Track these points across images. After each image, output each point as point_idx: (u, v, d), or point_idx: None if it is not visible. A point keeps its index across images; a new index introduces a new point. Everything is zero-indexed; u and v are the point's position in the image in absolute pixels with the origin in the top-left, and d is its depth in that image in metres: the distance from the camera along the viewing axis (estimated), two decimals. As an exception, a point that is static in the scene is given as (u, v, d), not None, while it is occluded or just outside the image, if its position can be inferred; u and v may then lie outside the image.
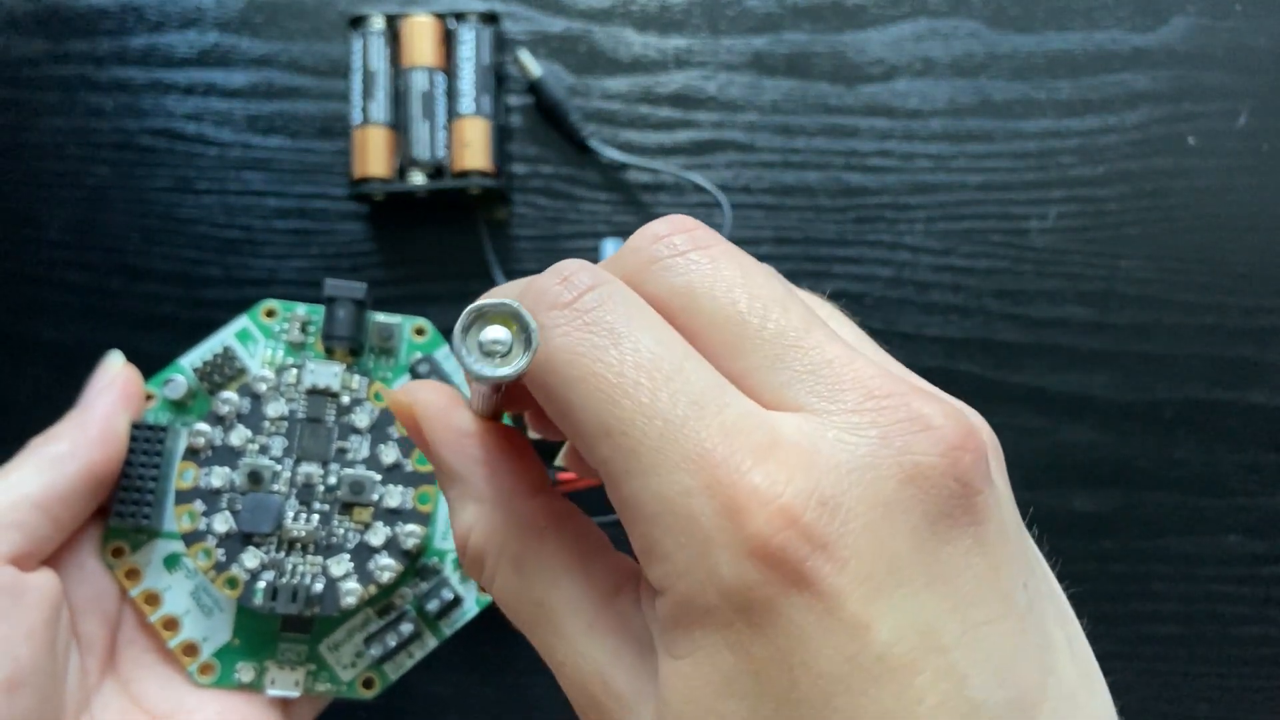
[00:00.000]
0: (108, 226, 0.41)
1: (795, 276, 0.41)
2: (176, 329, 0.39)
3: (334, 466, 0.28)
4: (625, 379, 0.15)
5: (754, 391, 0.16)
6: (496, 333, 0.15)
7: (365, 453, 0.28)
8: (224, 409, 0.28)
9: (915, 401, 0.16)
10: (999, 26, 0.42)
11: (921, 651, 0.14)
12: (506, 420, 0.20)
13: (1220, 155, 0.41)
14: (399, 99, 0.39)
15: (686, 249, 0.17)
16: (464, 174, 0.39)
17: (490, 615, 0.39)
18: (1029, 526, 0.38)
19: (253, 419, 0.28)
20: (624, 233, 0.41)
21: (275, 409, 0.28)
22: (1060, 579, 0.39)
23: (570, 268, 0.16)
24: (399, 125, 0.39)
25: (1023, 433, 0.40)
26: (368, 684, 0.29)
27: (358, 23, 0.40)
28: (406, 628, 0.28)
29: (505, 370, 0.14)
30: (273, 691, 0.28)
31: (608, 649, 0.17)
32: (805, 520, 0.14)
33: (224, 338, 0.29)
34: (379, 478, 0.28)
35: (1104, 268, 0.41)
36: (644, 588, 0.17)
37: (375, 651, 0.28)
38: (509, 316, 0.15)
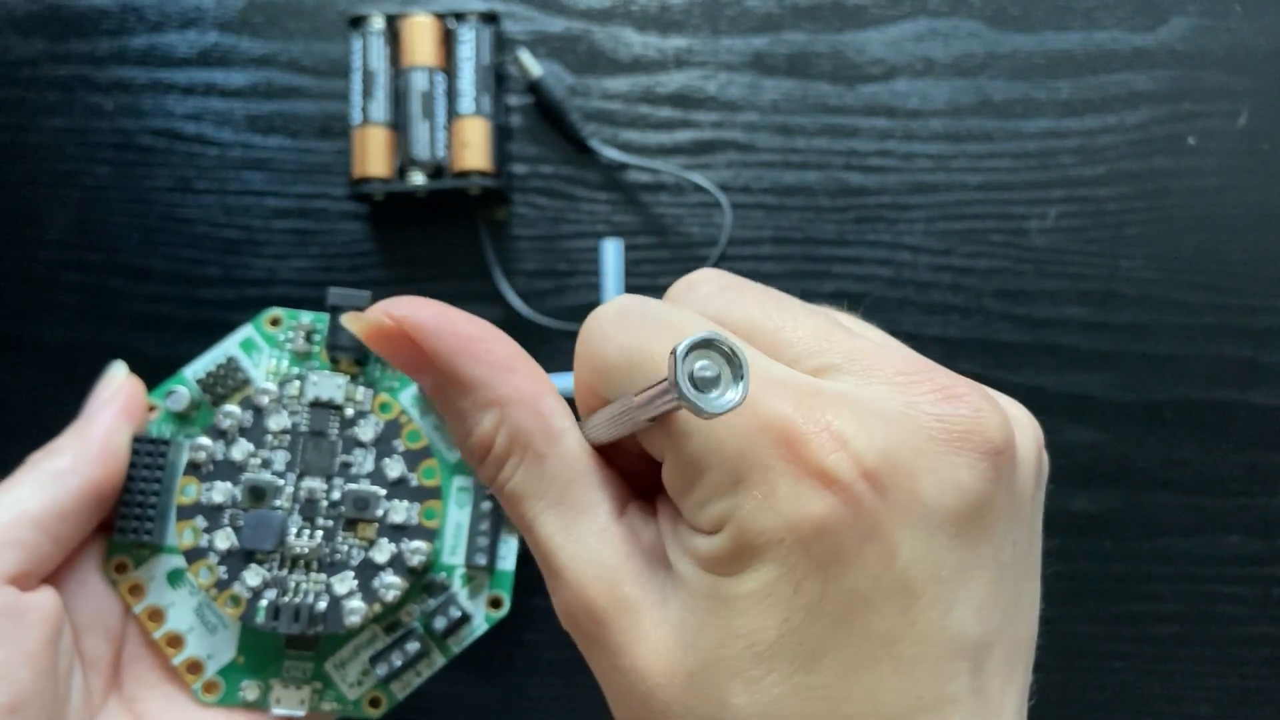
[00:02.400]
0: (108, 227, 0.40)
1: (795, 276, 0.41)
2: (176, 329, 0.39)
3: (338, 481, 0.27)
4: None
5: None
6: (706, 364, 0.15)
7: (370, 467, 0.27)
8: (226, 423, 0.27)
9: (941, 376, 0.18)
10: (999, 26, 0.42)
11: (925, 581, 0.16)
12: None
13: (1220, 155, 0.41)
14: (399, 99, 0.39)
15: (719, 283, 0.19)
16: (464, 174, 0.39)
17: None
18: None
19: (255, 433, 0.27)
20: (624, 233, 0.41)
21: (277, 422, 0.27)
22: (1060, 579, 0.39)
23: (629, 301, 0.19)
24: (399, 125, 0.39)
25: (1023, 433, 0.40)
26: (374, 703, 0.28)
27: (357, 22, 0.40)
28: (413, 646, 0.27)
29: (731, 401, 0.15)
30: (278, 710, 0.28)
31: (620, 554, 0.18)
32: (854, 447, 0.16)
33: (228, 348, 0.29)
34: (384, 493, 0.27)
35: (1104, 268, 0.41)
36: (669, 518, 0.18)
37: (381, 671, 0.27)
38: (722, 351, 0.15)
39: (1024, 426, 0.20)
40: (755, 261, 0.41)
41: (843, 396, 0.17)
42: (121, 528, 0.27)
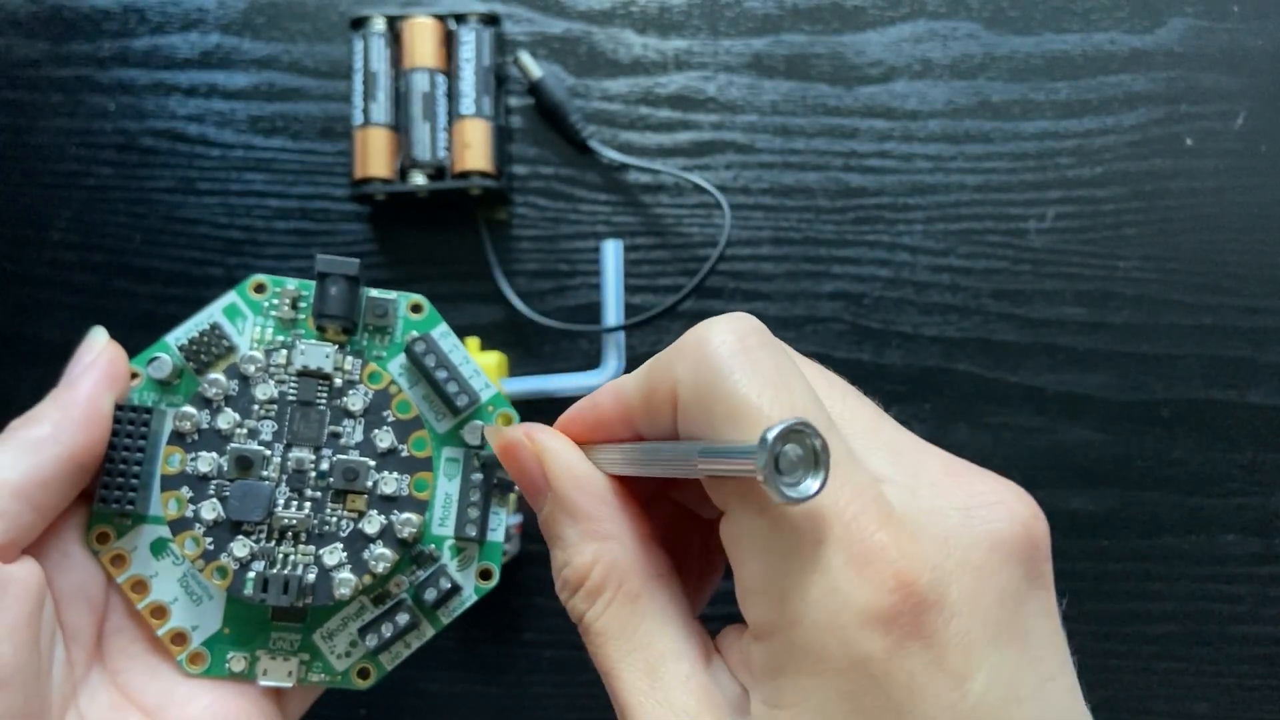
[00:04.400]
0: (110, 227, 0.41)
1: (795, 276, 0.41)
2: (178, 329, 0.39)
3: (326, 452, 0.27)
4: (764, 411, 0.17)
5: None
6: (792, 450, 0.15)
7: (359, 437, 0.27)
8: (211, 391, 0.27)
9: (985, 481, 0.18)
10: (997, 28, 0.42)
11: (1005, 702, 0.16)
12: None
13: (1218, 156, 0.41)
14: (400, 100, 0.39)
15: (782, 353, 0.19)
16: (465, 175, 0.39)
17: (490, 615, 0.40)
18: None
19: (241, 402, 0.27)
20: (624, 233, 0.41)
21: (264, 391, 0.27)
22: (1059, 578, 0.39)
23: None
24: (400, 126, 0.39)
25: (1021, 432, 0.40)
26: (363, 674, 0.28)
27: (359, 24, 0.40)
28: (403, 617, 0.27)
29: (810, 491, 0.15)
30: (265, 682, 0.27)
31: (703, 702, 0.18)
32: (921, 582, 0.16)
33: (211, 313, 0.28)
34: (373, 464, 0.27)
35: (1102, 268, 0.41)
36: (743, 637, 0.18)
37: (371, 642, 0.27)
38: (811, 443, 0.15)
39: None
40: (754, 262, 0.41)
41: (908, 522, 0.17)
42: (104, 497, 0.26)
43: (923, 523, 0.17)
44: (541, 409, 0.39)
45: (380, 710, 0.39)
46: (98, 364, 0.27)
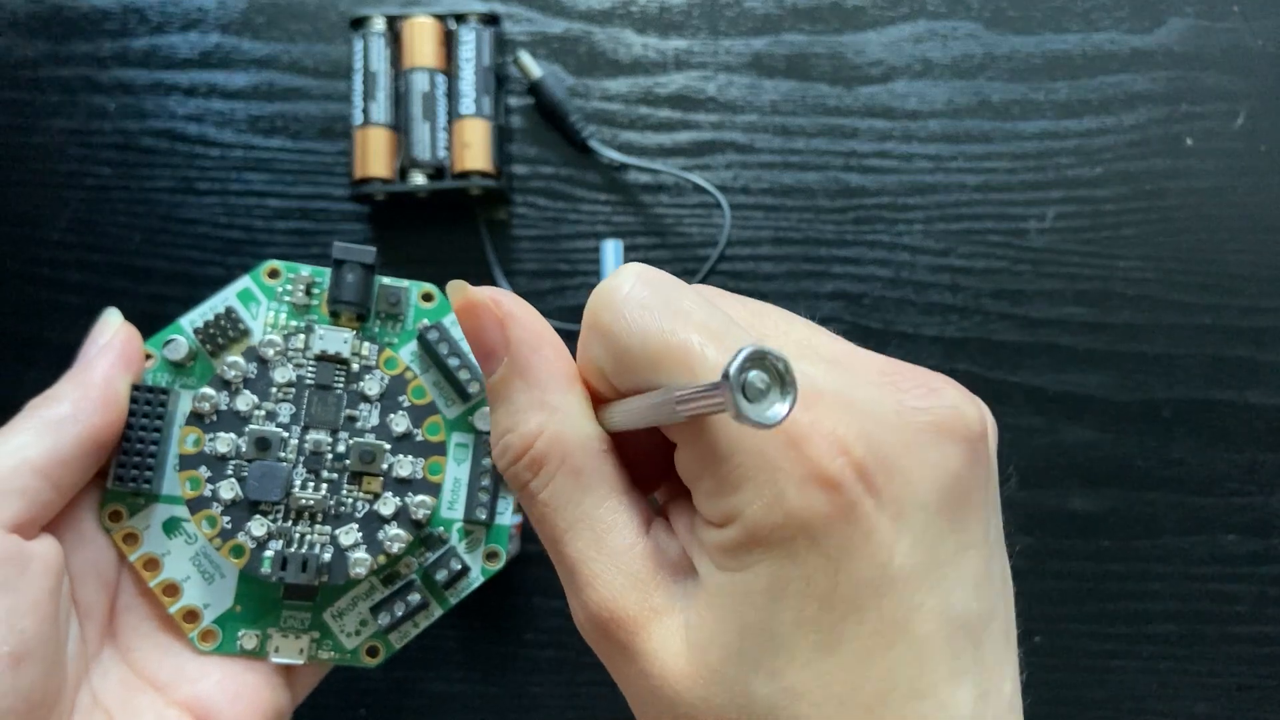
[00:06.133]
0: (110, 227, 0.41)
1: (794, 276, 0.41)
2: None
3: (343, 435, 0.28)
4: (693, 343, 0.18)
5: None
6: (757, 377, 0.16)
7: (375, 421, 0.28)
8: (230, 373, 0.27)
9: (920, 374, 0.19)
10: (997, 28, 0.42)
11: (926, 567, 0.17)
12: None
13: (1218, 156, 0.41)
14: (400, 100, 0.39)
15: (700, 292, 0.20)
16: (464, 175, 0.39)
17: (490, 615, 0.40)
18: (1028, 526, 0.39)
19: (259, 384, 0.27)
20: (624, 233, 0.41)
21: (283, 375, 0.27)
22: (1058, 577, 0.40)
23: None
24: (400, 126, 0.39)
25: (1021, 432, 0.40)
26: (372, 652, 0.29)
27: (359, 24, 0.40)
28: (415, 597, 0.28)
29: (779, 415, 0.15)
30: (277, 659, 0.28)
31: (649, 564, 0.19)
32: (855, 454, 0.17)
33: (226, 297, 0.28)
34: (389, 447, 0.28)
35: (1102, 268, 0.41)
36: (695, 522, 0.19)
37: (383, 620, 0.28)
38: (775, 367, 0.16)
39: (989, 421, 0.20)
40: (754, 262, 0.41)
41: (840, 399, 0.18)
42: (120, 476, 0.27)
43: (858, 403, 0.18)
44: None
45: (380, 710, 0.39)
46: (113, 345, 0.27)
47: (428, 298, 0.29)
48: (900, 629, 0.17)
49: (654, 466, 0.21)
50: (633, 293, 0.19)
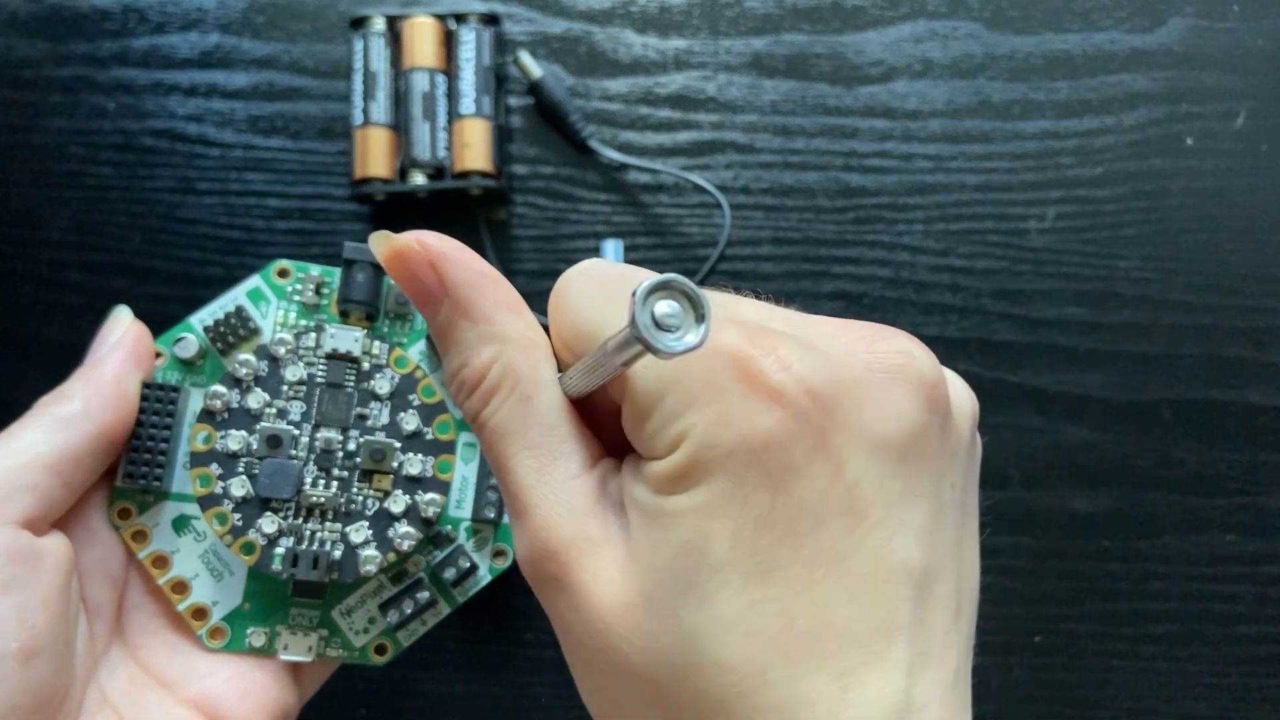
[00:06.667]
0: (110, 227, 0.41)
1: (794, 276, 0.41)
2: (178, 329, 0.39)
3: (353, 433, 0.28)
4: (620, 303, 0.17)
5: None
6: (667, 307, 0.16)
7: (385, 419, 0.28)
8: (241, 371, 0.27)
9: (874, 328, 0.19)
10: (997, 28, 0.42)
11: (870, 500, 0.17)
12: None
13: (1218, 156, 0.41)
14: (400, 100, 0.39)
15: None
16: (464, 175, 0.39)
17: (491, 614, 0.40)
18: (1028, 526, 0.39)
19: (270, 382, 0.27)
20: (624, 233, 0.41)
21: (294, 373, 0.27)
22: (1058, 577, 0.40)
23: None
24: (400, 126, 0.39)
25: (1021, 432, 0.40)
26: (380, 650, 0.29)
27: (359, 24, 0.40)
28: (423, 595, 0.28)
29: (691, 342, 0.15)
30: (285, 656, 0.28)
31: (589, 498, 0.19)
32: (803, 374, 0.17)
33: (235, 296, 0.29)
34: (399, 445, 0.28)
35: (1102, 268, 0.41)
36: (630, 460, 0.19)
37: (392, 618, 0.28)
38: (682, 292, 0.16)
39: (960, 389, 0.20)
40: (754, 262, 0.41)
41: (788, 334, 0.18)
42: (130, 473, 0.27)
43: (816, 344, 0.18)
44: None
45: (380, 710, 0.39)
46: (124, 342, 0.27)
47: None
48: (836, 563, 0.17)
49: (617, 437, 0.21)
50: (587, 268, 0.20)
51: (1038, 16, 0.42)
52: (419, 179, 0.39)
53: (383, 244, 0.20)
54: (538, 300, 0.40)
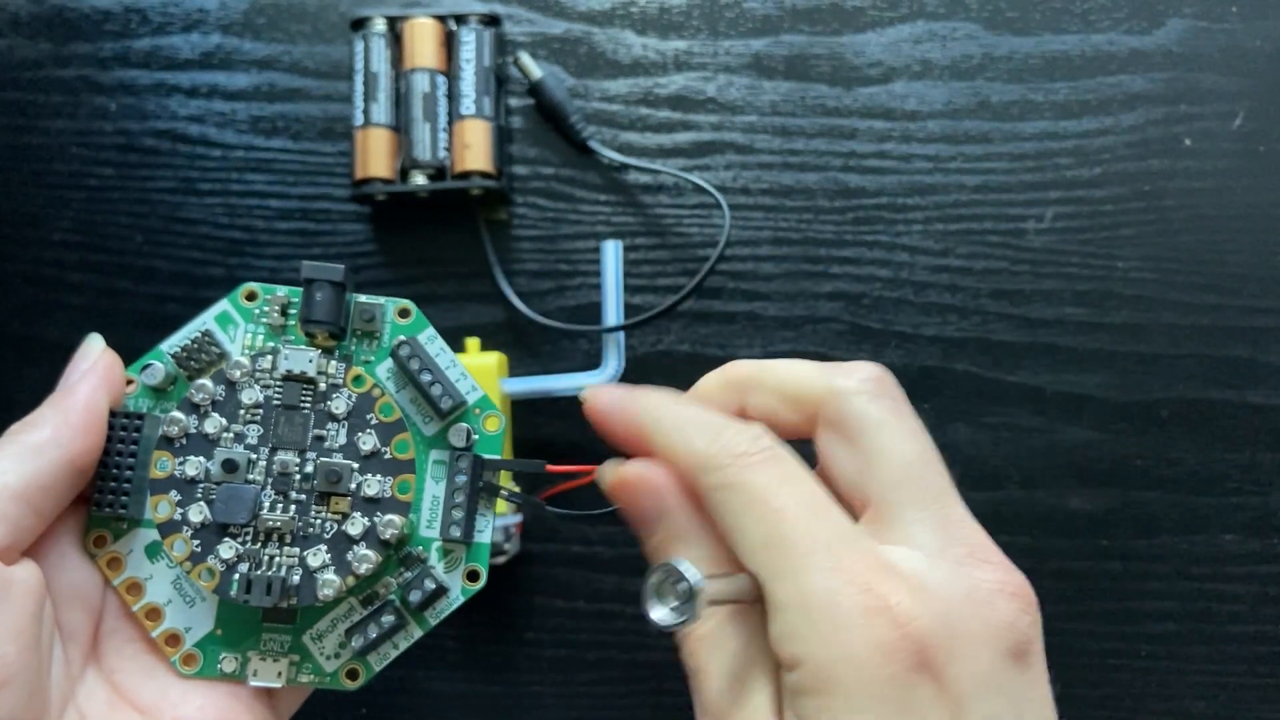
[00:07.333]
0: (111, 227, 0.41)
1: (794, 277, 0.41)
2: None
3: (310, 455, 0.27)
4: (788, 509, 0.22)
5: (886, 517, 0.23)
6: (669, 587, 0.20)
7: (342, 440, 0.27)
8: (198, 396, 0.27)
9: (998, 570, 0.22)
10: (996, 29, 0.42)
11: (1000, 710, 0.20)
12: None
13: (1216, 157, 0.41)
14: (400, 101, 0.39)
15: (885, 391, 0.24)
16: (465, 175, 0.39)
17: (490, 614, 0.40)
18: (1027, 526, 0.39)
19: (227, 407, 0.27)
20: (624, 234, 0.41)
21: (250, 396, 0.27)
22: (1057, 577, 0.40)
23: (755, 430, 0.23)
24: (400, 127, 0.39)
25: (1019, 432, 0.40)
26: (351, 675, 0.28)
27: (359, 25, 0.40)
28: (388, 619, 0.27)
29: (669, 621, 0.20)
30: (255, 682, 0.28)
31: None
32: (921, 623, 0.20)
33: (204, 321, 0.28)
34: (356, 466, 0.27)
35: (1100, 268, 0.41)
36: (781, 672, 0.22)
37: (356, 643, 0.27)
38: (681, 577, 0.20)
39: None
40: (754, 262, 0.41)
41: (916, 580, 0.21)
42: (99, 501, 0.27)
43: (930, 585, 0.21)
44: (541, 409, 0.40)
45: (380, 710, 0.39)
46: (95, 370, 0.27)
47: (404, 314, 0.29)
48: None
49: None
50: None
51: (1036, 17, 0.42)
52: (420, 179, 0.39)
53: (611, 475, 0.25)
54: (538, 300, 0.40)
